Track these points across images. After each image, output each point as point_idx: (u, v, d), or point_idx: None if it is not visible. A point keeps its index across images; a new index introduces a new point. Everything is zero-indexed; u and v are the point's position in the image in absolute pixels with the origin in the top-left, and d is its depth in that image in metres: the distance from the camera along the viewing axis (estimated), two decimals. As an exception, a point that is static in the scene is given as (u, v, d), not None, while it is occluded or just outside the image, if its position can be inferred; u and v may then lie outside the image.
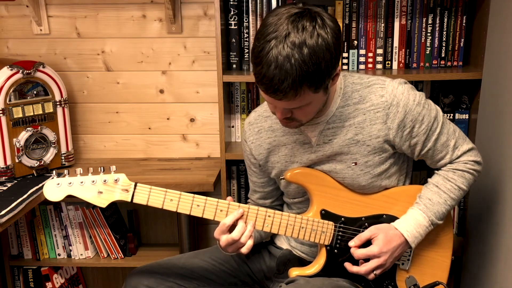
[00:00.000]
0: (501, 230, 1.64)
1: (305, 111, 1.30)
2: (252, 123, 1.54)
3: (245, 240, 1.34)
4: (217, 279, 1.58)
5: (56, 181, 1.34)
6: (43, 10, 2.19)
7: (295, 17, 1.19)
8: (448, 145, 1.44)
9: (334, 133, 1.41)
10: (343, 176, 1.44)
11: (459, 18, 2.01)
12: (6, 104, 1.95)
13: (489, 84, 1.83)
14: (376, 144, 1.40)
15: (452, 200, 1.45)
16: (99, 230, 2.22)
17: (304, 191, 1.49)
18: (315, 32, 1.18)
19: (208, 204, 1.37)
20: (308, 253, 1.57)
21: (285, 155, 1.49)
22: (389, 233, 1.41)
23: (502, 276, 1.63)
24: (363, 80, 1.41)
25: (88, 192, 1.34)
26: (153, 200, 1.35)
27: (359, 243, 1.41)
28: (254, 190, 1.64)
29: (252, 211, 1.38)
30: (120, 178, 1.35)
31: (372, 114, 1.38)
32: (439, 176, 1.48)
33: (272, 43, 1.18)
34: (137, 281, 1.51)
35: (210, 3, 2.15)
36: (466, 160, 1.46)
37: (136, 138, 2.33)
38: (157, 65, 2.24)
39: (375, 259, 1.39)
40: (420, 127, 1.39)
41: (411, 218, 1.43)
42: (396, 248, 1.40)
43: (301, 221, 1.41)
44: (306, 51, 1.16)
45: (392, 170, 1.46)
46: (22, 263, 2.29)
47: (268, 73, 1.18)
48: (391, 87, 1.37)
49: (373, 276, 1.40)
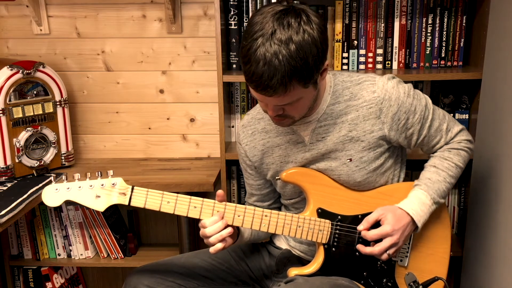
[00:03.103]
0: (501, 230, 1.64)
1: (297, 107, 1.32)
2: (245, 126, 1.56)
3: (214, 241, 1.35)
4: (216, 278, 1.58)
5: (54, 187, 1.35)
6: (43, 10, 2.19)
7: (280, 14, 1.21)
8: (441, 129, 1.49)
9: (327, 130, 1.42)
10: (339, 173, 1.45)
11: (459, 18, 2.01)
12: (6, 104, 1.95)
13: (489, 84, 1.83)
14: (371, 140, 1.41)
15: (450, 177, 1.48)
16: (99, 230, 2.22)
17: (301, 191, 1.50)
18: (300, 28, 1.20)
19: (205, 205, 1.38)
20: (307, 252, 1.57)
21: (279, 156, 1.50)
22: (397, 212, 1.42)
23: (501, 275, 1.63)
24: (353, 77, 1.44)
25: (86, 196, 1.35)
26: (151, 203, 1.37)
27: (367, 226, 1.41)
28: (251, 193, 1.64)
29: (248, 211, 1.39)
30: (117, 182, 1.37)
31: (365, 110, 1.40)
32: (436, 158, 1.51)
33: (259, 41, 1.20)
34: (137, 281, 1.51)
35: (210, 3, 2.15)
36: (459, 140, 1.51)
37: (136, 138, 2.33)
38: (157, 65, 2.24)
39: (388, 238, 1.38)
40: (414, 117, 1.42)
41: (414, 197, 1.44)
42: (406, 226, 1.41)
43: (298, 220, 1.42)
44: (293, 46, 1.19)
45: (387, 165, 1.47)
46: (22, 263, 2.30)
47: (257, 70, 1.20)
48: (381, 82, 1.40)
49: (386, 256, 1.40)
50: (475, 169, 1.91)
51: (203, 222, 1.37)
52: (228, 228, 1.37)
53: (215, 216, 1.37)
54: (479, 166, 1.87)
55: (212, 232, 1.35)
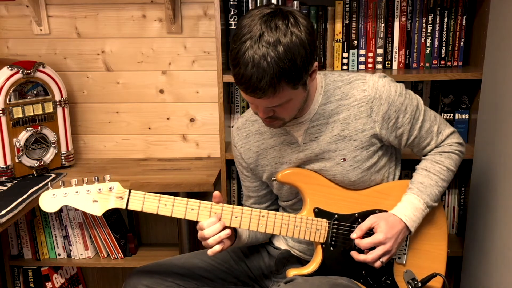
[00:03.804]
0: (501, 230, 1.64)
1: (287, 109, 1.32)
2: (240, 128, 1.57)
3: (213, 242, 1.36)
4: (216, 279, 1.58)
5: (52, 192, 1.35)
6: (43, 10, 2.19)
7: (268, 17, 1.22)
8: (432, 131, 1.49)
9: (320, 130, 1.43)
10: (334, 173, 1.45)
11: (459, 18, 2.01)
12: (6, 104, 1.96)
13: (489, 84, 1.83)
14: (363, 138, 1.42)
15: (442, 181, 1.49)
16: (99, 230, 2.22)
17: (297, 192, 1.50)
18: (288, 30, 1.21)
19: (202, 207, 1.38)
20: (306, 252, 1.57)
21: (274, 157, 1.50)
22: (389, 219, 1.42)
23: (501, 275, 1.63)
24: (344, 77, 1.44)
25: (83, 201, 1.36)
26: (148, 206, 1.37)
27: (360, 234, 1.42)
28: (248, 196, 1.65)
29: (246, 212, 1.39)
30: (114, 186, 1.37)
31: (356, 109, 1.40)
32: (427, 161, 1.51)
33: (247, 44, 1.20)
34: (137, 281, 1.51)
35: (210, 3, 2.15)
36: (450, 143, 1.51)
37: (136, 138, 2.33)
38: (157, 65, 2.24)
39: (381, 246, 1.39)
40: (404, 117, 1.42)
41: (407, 203, 1.45)
42: (399, 233, 1.42)
43: (295, 220, 1.42)
44: (281, 48, 1.19)
45: (381, 163, 1.48)
46: (22, 263, 2.30)
47: (246, 72, 1.21)
48: (372, 81, 1.40)
49: (379, 264, 1.40)
50: (475, 169, 1.91)
51: (201, 224, 1.37)
52: (226, 230, 1.37)
53: (213, 217, 1.37)
54: (479, 166, 1.87)
55: (210, 234, 1.35)
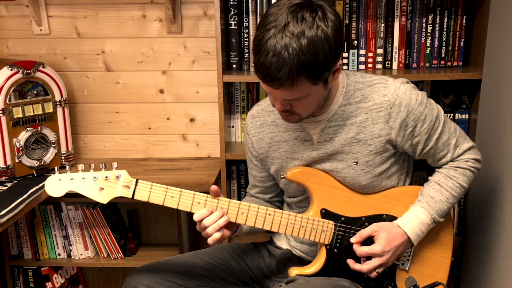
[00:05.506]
0: (501, 230, 1.64)
1: (304, 104, 1.30)
2: (254, 117, 1.55)
3: (212, 231, 1.35)
4: (216, 278, 1.58)
5: (58, 177, 1.33)
6: (43, 10, 2.19)
7: (296, 7, 1.20)
8: (450, 144, 1.45)
9: (336, 131, 1.41)
10: (344, 176, 1.44)
11: (459, 18, 2.01)
12: (6, 104, 1.95)
13: (489, 84, 1.83)
14: (378, 144, 1.40)
15: (453, 197, 1.46)
16: (99, 230, 2.22)
17: (304, 190, 1.49)
18: (314, 23, 1.19)
19: (208, 201, 1.37)
20: (308, 252, 1.57)
21: (286, 151, 1.49)
22: (392, 231, 1.41)
23: (502, 276, 1.63)
24: (366, 79, 1.42)
25: (90, 188, 1.33)
26: (154, 197, 1.35)
27: (360, 240, 1.41)
28: (254, 185, 1.64)
29: (252, 209, 1.39)
30: (121, 175, 1.35)
31: (374, 114, 1.38)
32: (441, 174, 1.48)
33: (271, 32, 1.19)
34: (137, 281, 1.51)
35: (210, 3, 2.15)
36: (467, 158, 1.47)
37: (136, 138, 2.33)
38: (157, 65, 2.24)
39: (377, 258, 1.39)
40: (422, 126, 1.39)
41: (413, 216, 1.43)
42: (399, 246, 1.41)
43: (301, 220, 1.42)
44: (304, 41, 1.18)
45: (392, 170, 1.46)
46: (22, 263, 2.30)
47: (266, 61, 1.19)
48: (394, 86, 1.38)
49: (375, 274, 1.40)
50: (475, 169, 1.91)
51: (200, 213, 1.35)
52: (224, 217, 1.36)
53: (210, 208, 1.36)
54: (479, 166, 1.87)
55: (210, 222, 1.34)
